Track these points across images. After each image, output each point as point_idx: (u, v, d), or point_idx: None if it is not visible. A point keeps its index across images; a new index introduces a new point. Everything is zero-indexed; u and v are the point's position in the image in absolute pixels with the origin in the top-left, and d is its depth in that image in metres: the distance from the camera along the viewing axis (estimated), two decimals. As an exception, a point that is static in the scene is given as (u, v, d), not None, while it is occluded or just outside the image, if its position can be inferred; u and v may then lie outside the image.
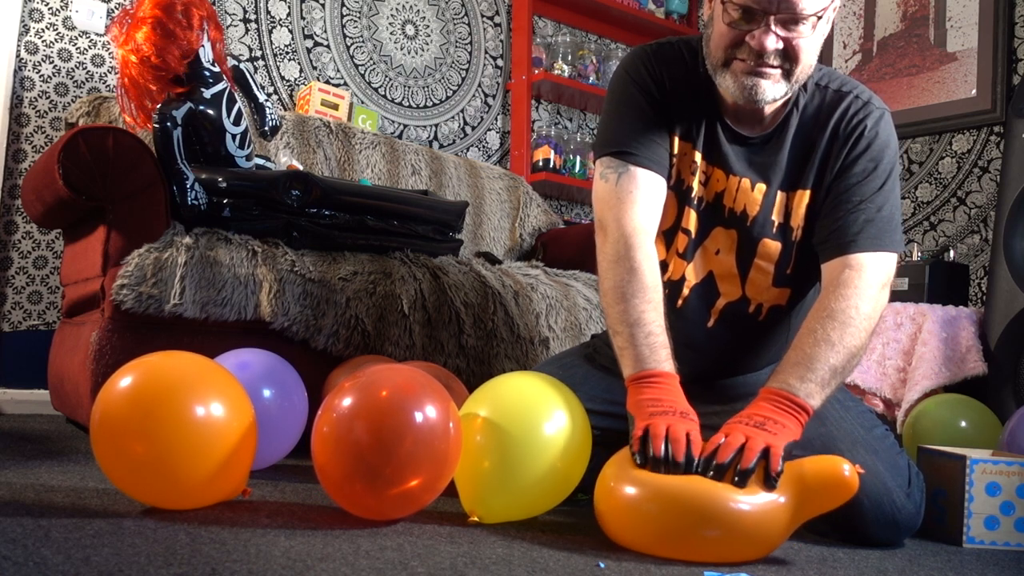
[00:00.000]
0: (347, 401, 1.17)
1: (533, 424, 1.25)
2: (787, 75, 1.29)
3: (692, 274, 1.44)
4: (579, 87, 3.54)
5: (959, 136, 3.00)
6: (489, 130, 3.50)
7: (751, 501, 1.10)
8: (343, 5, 3.15)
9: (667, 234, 1.45)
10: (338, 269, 2.00)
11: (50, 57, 2.58)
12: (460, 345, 2.10)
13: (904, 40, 3.17)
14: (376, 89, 3.21)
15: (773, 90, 1.30)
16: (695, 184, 1.42)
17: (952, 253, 2.79)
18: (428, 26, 3.36)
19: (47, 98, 2.57)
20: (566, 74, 3.53)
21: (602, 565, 1.05)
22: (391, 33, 3.26)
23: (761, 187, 1.40)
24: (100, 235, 1.86)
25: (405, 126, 3.27)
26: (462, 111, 3.43)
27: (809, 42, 1.28)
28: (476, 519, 1.24)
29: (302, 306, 1.92)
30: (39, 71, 2.56)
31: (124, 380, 1.18)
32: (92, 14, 2.63)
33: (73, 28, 2.62)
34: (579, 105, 3.72)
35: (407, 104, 3.29)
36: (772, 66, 1.28)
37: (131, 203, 1.82)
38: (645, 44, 1.47)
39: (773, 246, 1.41)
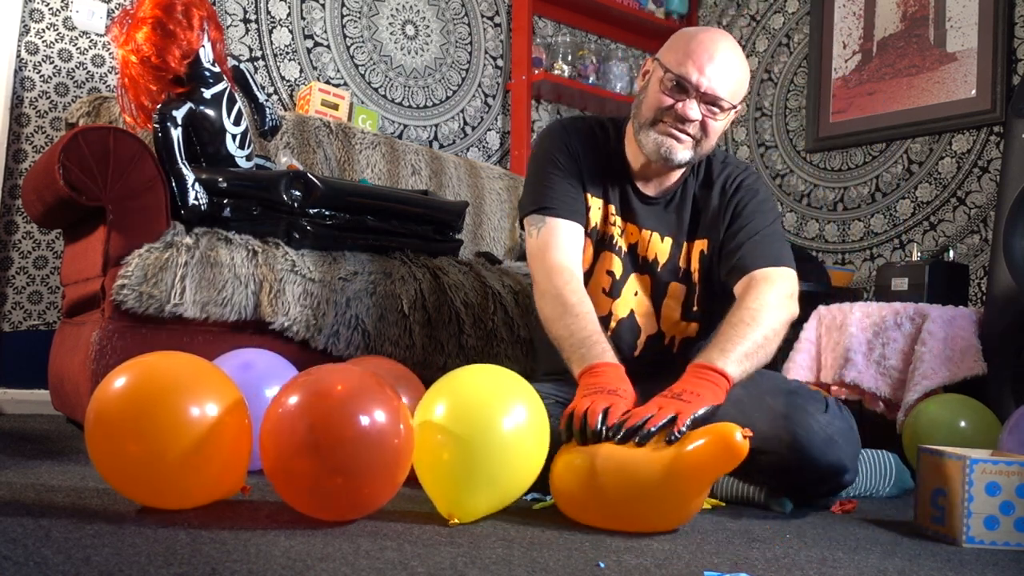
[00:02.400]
0: (293, 399, 1.16)
1: (488, 416, 1.24)
2: (696, 145, 1.57)
3: (618, 310, 1.67)
4: (579, 87, 3.54)
5: (959, 136, 3.00)
6: (489, 130, 3.50)
7: (641, 465, 1.23)
8: (343, 5, 3.15)
9: (586, 275, 1.66)
10: (338, 269, 2.00)
11: (50, 57, 2.58)
12: (460, 345, 2.10)
13: (904, 40, 3.17)
14: (376, 89, 3.21)
15: (683, 154, 1.57)
16: (615, 234, 1.67)
17: (952, 253, 2.79)
18: (428, 26, 3.36)
19: (47, 98, 2.57)
20: (566, 74, 3.53)
21: (602, 565, 1.05)
22: (391, 33, 3.27)
23: (669, 239, 1.68)
24: (100, 235, 1.86)
25: (405, 126, 3.28)
26: (462, 111, 3.43)
27: (719, 125, 1.56)
28: (456, 521, 1.24)
29: (302, 306, 1.92)
30: (39, 71, 2.56)
31: (118, 380, 1.18)
32: (92, 14, 2.63)
33: (73, 28, 2.62)
34: (579, 105, 3.73)
35: (407, 104, 3.29)
36: (688, 133, 1.55)
37: (131, 203, 1.82)
38: (560, 119, 1.76)
39: (679, 288, 1.69)
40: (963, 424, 1.98)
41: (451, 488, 1.24)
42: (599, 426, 1.30)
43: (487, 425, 1.24)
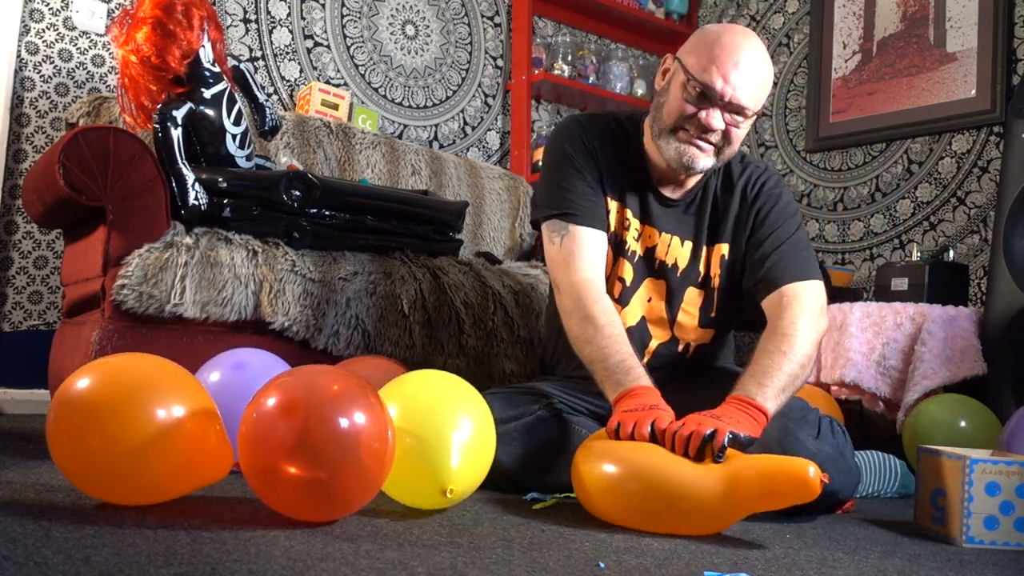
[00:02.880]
0: (272, 400, 1.15)
1: (427, 405, 1.29)
2: (718, 152, 1.53)
3: (627, 318, 1.63)
4: (579, 87, 3.54)
5: (959, 136, 3.00)
6: (489, 130, 3.50)
7: (694, 475, 1.23)
8: (343, 5, 3.15)
9: (606, 281, 1.62)
10: (338, 269, 2.00)
11: (51, 57, 2.58)
12: (460, 345, 2.10)
13: (904, 40, 3.17)
14: (376, 89, 3.21)
15: (705, 162, 1.53)
16: (629, 239, 1.63)
17: (952, 253, 2.79)
18: (428, 26, 3.36)
19: (47, 98, 2.57)
20: (566, 74, 3.53)
21: (602, 565, 1.05)
22: (391, 33, 3.27)
23: (688, 244, 1.64)
24: (100, 235, 1.86)
25: (405, 126, 3.28)
26: (462, 111, 3.43)
27: (742, 132, 1.53)
28: (451, 489, 1.24)
29: (302, 306, 1.92)
30: (40, 71, 2.56)
31: (80, 379, 1.18)
32: (92, 14, 2.63)
33: (73, 28, 2.62)
34: (579, 105, 3.72)
35: (407, 104, 3.29)
36: (710, 142, 1.51)
37: (131, 203, 1.82)
38: (576, 114, 1.69)
39: (697, 293, 1.65)
40: (963, 424, 1.98)
41: (423, 467, 1.25)
42: (649, 440, 1.30)
43: (427, 411, 1.28)
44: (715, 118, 1.48)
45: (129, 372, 1.21)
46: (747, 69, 1.46)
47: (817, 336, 1.49)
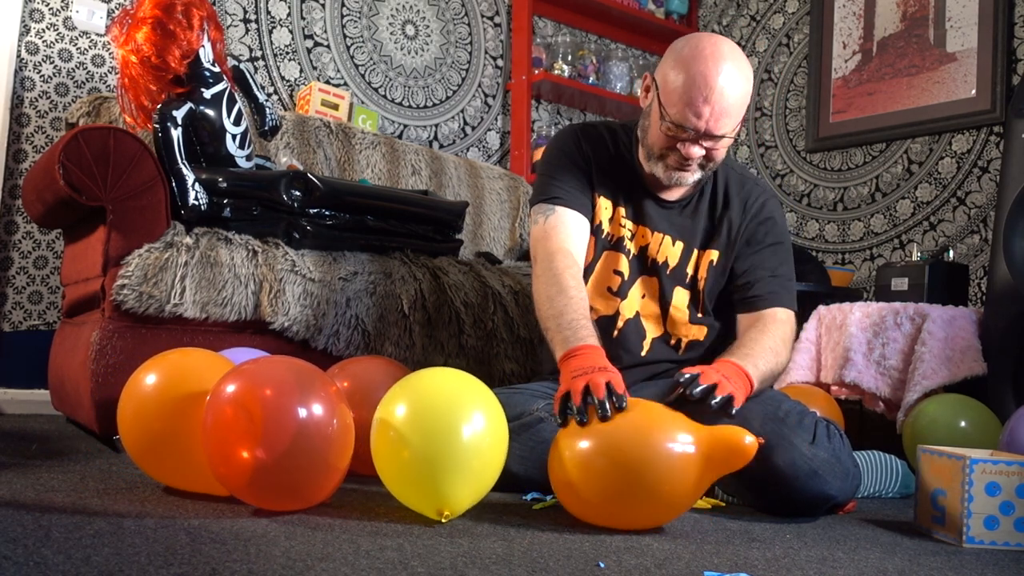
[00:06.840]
0: (230, 388, 1.22)
1: (449, 412, 1.24)
2: (703, 167, 1.60)
3: (625, 311, 1.70)
4: (579, 87, 3.54)
5: (959, 136, 3.00)
6: (489, 130, 3.50)
7: (673, 445, 1.25)
8: (343, 5, 3.15)
9: (586, 271, 1.68)
10: (338, 269, 2.00)
11: (50, 57, 2.58)
12: (460, 345, 2.10)
13: (904, 40, 3.17)
14: (376, 89, 3.21)
15: (693, 178, 1.61)
16: (625, 238, 1.70)
17: (952, 253, 2.79)
18: (428, 26, 3.36)
19: (47, 98, 2.57)
20: (566, 74, 3.53)
21: (602, 565, 1.05)
22: (391, 33, 3.26)
23: (680, 244, 1.70)
24: (100, 235, 1.86)
25: (405, 126, 3.28)
26: (462, 111, 3.43)
27: (723, 148, 1.58)
28: (448, 514, 1.22)
29: (302, 306, 1.92)
30: (40, 71, 2.56)
31: (148, 377, 1.34)
32: (92, 14, 2.63)
33: (73, 28, 2.62)
34: (579, 105, 3.73)
35: (407, 104, 3.29)
36: (693, 163, 1.58)
37: (131, 203, 1.82)
38: (573, 124, 1.80)
39: (685, 293, 1.71)
40: (963, 424, 1.98)
41: (425, 484, 1.22)
42: (605, 399, 1.28)
43: (445, 417, 1.24)
44: (693, 150, 1.55)
45: (188, 365, 1.36)
46: (719, 102, 1.48)
47: (785, 359, 1.61)
